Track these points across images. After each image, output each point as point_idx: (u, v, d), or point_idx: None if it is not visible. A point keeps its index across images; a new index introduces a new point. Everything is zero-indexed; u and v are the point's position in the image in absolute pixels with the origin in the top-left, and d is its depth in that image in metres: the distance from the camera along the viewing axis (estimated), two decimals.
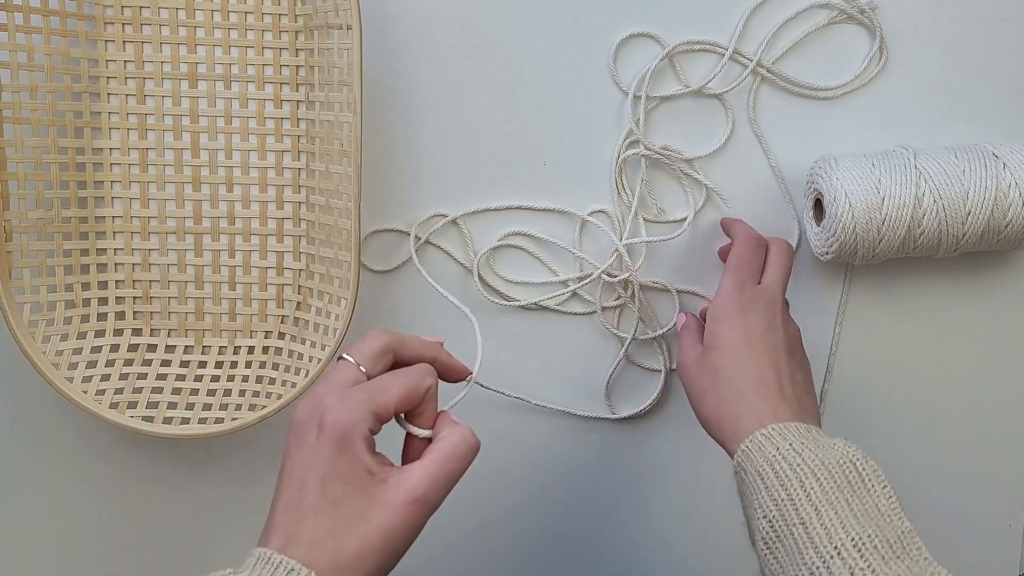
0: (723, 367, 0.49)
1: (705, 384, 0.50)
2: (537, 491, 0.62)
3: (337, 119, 0.53)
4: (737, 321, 0.50)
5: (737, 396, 0.47)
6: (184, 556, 0.62)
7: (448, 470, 0.39)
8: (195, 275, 0.57)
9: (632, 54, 0.56)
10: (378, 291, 0.59)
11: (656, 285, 0.59)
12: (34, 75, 0.52)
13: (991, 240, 0.53)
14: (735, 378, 0.48)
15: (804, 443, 0.43)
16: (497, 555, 0.63)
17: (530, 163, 0.57)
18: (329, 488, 0.37)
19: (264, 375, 0.56)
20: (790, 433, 0.44)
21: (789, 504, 0.41)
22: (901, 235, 0.52)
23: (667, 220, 0.58)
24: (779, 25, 0.55)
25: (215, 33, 0.55)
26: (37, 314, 0.54)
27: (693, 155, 0.57)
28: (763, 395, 0.47)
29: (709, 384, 0.49)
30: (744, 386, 0.48)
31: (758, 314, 0.50)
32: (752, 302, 0.51)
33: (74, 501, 0.61)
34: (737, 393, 0.48)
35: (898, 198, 0.51)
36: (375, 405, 0.38)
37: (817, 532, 0.39)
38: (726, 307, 0.51)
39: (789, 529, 0.40)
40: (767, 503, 0.42)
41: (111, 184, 0.56)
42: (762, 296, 0.51)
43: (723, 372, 0.49)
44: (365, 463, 0.37)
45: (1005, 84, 0.57)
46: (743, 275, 0.52)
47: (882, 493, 0.41)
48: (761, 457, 0.43)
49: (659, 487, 0.62)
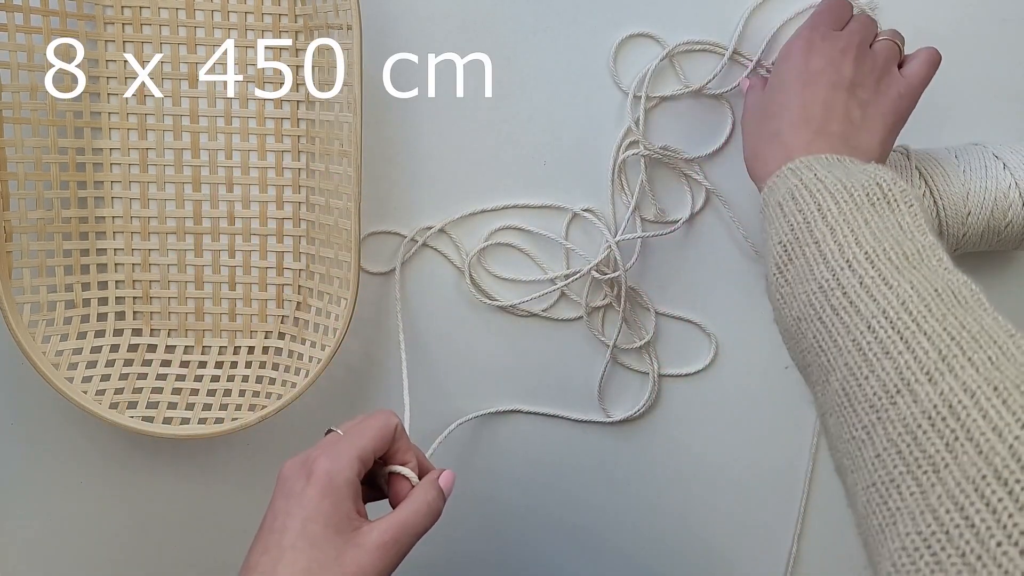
0: (768, 104, 0.47)
1: (750, 125, 0.48)
2: (536, 492, 0.62)
3: (337, 119, 0.53)
4: (798, 59, 0.46)
5: (774, 133, 0.45)
6: (184, 556, 0.62)
7: (413, 523, 0.41)
8: (195, 275, 0.57)
9: (632, 54, 0.56)
10: (377, 291, 0.59)
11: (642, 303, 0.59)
12: (34, 75, 0.52)
13: (991, 240, 0.53)
14: (776, 115, 0.45)
15: (830, 170, 0.40)
16: (496, 558, 0.63)
17: (530, 163, 0.57)
18: (309, 529, 0.38)
19: (264, 375, 0.56)
20: (817, 164, 0.41)
21: (804, 226, 0.39)
22: None
23: (666, 220, 0.58)
24: (779, 26, 0.55)
25: (215, 33, 0.55)
26: (37, 314, 0.54)
27: (694, 155, 0.57)
28: (800, 130, 0.44)
29: (753, 124, 0.47)
30: (783, 123, 0.45)
31: (823, 53, 0.46)
32: (823, 41, 0.46)
33: (74, 501, 0.61)
34: (775, 130, 0.45)
35: None
36: (358, 451, 0.41)
37: (830, 248, 0.37)
38: (791, 45, 0.47)
39: (801, 249, 0.39)
40: (783, 228, 0.40)
41: (111, 184, 0.56)
42: (839, 39, 0.47)
43: (767, 109, 0.46)
44: (346, 509, 0.40)
45: (1004, 84, 0.57)
46: (822, 19, 0.48)
47: (907, 212, 0.38)
48: (784, 188, 0.41)
49: (656, 489, 0.62)
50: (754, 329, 0.59)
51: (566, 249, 0.58)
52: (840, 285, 0.36)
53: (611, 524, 0.63)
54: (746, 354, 0.60)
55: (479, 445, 0.61)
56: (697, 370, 0.60)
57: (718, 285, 0.59)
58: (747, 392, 0.61)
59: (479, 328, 0.59)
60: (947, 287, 0.34)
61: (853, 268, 0.36)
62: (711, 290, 0.59)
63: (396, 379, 0.57)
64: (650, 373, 0.60)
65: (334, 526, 0.39)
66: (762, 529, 0.63)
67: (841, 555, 0.63)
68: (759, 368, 0.60)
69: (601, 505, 0.62)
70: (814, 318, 0.37)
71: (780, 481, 0.62)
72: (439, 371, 0.60)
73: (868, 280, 0.35)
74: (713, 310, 0.59)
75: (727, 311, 0.59)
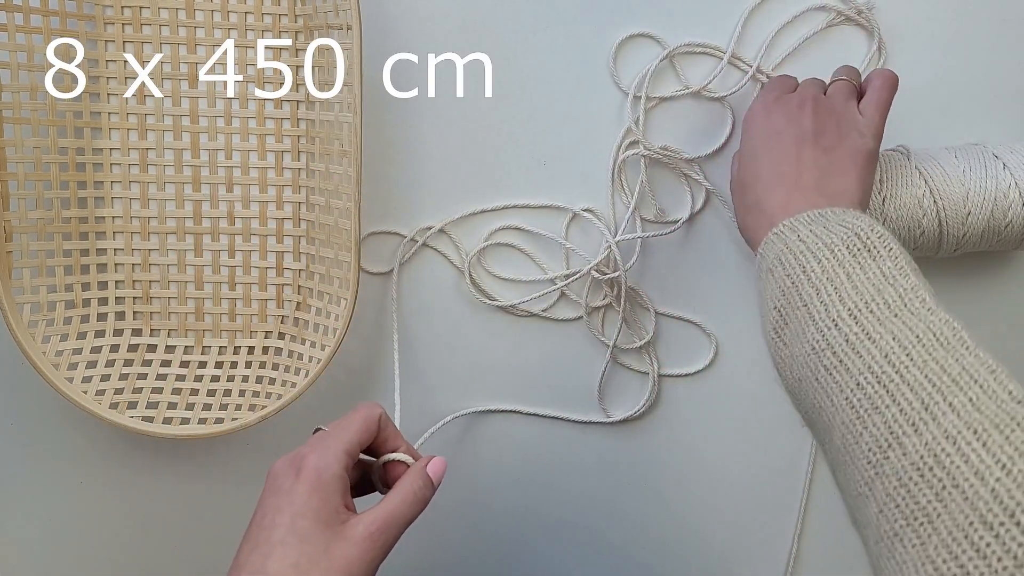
0: (744, 175, 0.48)
1: (735, 199, 0.50)
2: (535, 493, 0.62)
3: (337, 119, 0.53)
4: (759, 123, 0.48)
5: (754, 202, 0.46)
6: (184, 556, 0.62)
7: (400, 513, 0.41)
8: (195, 275, 0.57)
9: (632, 54, 0.56)
10: (377, 291, 0.59)
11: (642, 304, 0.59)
12: (34, 75, 0.52)
13: (991, 240, 0.53)
14: (751, 184, 0.47)
15: (811, 229, 0.42)
16: (495, 558, 0.63)
17: (530, 163, 0.57)
18: (298, 524, 0.39)
19: (264, 375, 0.56)
20: (799, 224, 0.42)
21: (792, 289, 0.40)
22: (901, 236, 0.52)
23: (666, 220, 0.58)
24: (777, 29, 0.55)
25: (215, 33, 0.55)
26: (37, 314, 0.54)
27: (694, 155, 0.57)
28: (776, 192, 0.45)
29: (738, 197, 0.49)
30: (759, 190, 0.46)
31: (781, 112, 0.48)
32: (778, 103, 0.49)
33: (74, 501, 0.61)
34: (754, 200, 0.46)
35: (899, 197, 0.51)
36: (344, 445, 0.41)
37: (816, 309, 0.38)
38: (751, 115, 0.49)
39: (794, 312, 0.40)
40: (775, 293, 0.41)
41: (111, 184, 0.56)
42: (793, 98, 0.49)
43: (744, 180, 0.48)
44: (335, 503, 0.40)
45: (1003, 84, 0.57)
46: (773, 87, 0.50)
47: (888, 257, 0.39)
48: (772, 254, 0.43)
49: (656, 489, 0.62)
50: (754, 329, 0.59)
51: (566, 249, 0.58)
52: (829, 345, 0.37)
53: (611, 524, 0.63)
54: (746, 354, 0.60)
55: (478, 445, 0.61)
56: (697, 370, 0.60)
57: (718, 285, 0.59)
58: (747, 392, 0.61)
59: (479, 328, 0.59)
60: (928, 330, 0.35)
61: (839, 327, 0.37)
62: (711, 290, 0.59)
63: (397, 378, 0.57)
64: (650, 373, 0.60)
65: (323, 521, 0.39)
66: (762, 529, 0.63)
67: (841, 555, 0.63)
68: (759, 368, 0.60)
69: (601, 505, 0.62)
70: (811, 379, 0.38)
71: (780, 481, 0.62)
72: (438, 371, 0.60)
73: (853, 337, 0.36)
74: (713, 310, 0.59)
75: (727, 311, 0.59)
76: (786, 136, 0.47)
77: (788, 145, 0.47)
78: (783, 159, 0.46)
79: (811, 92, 0.49)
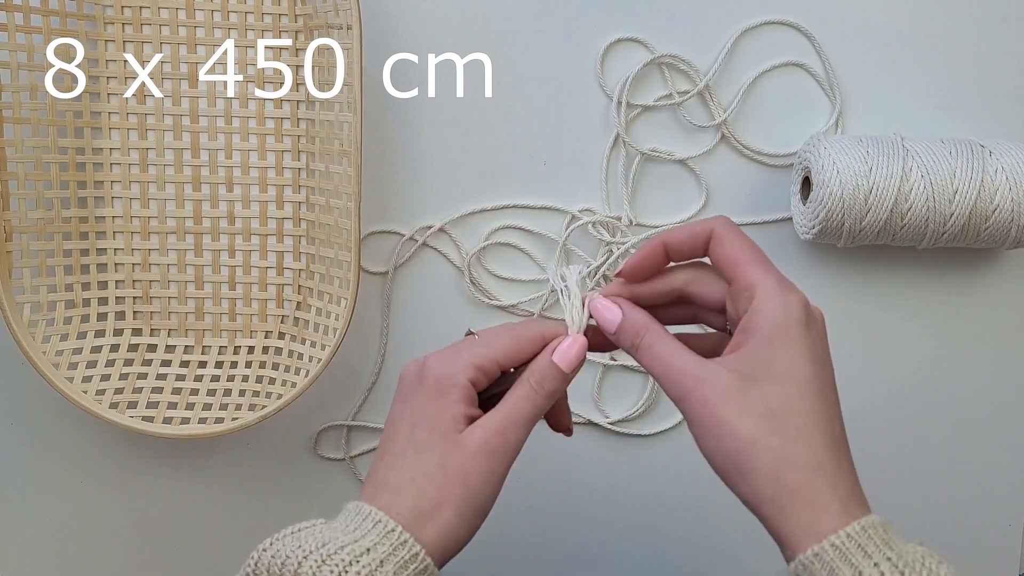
0: (788, 412, 0.34)
1: (756, 431, 0.35)
2: (534, 493, 0.62)
3: (337, 119, 0.53)
4: (804, 343, 0.35)
5: (815, 463, 0.34)
6: (184, 556, 0.62)
7: (519, 410, 0.38)
8: (195, 275, 0.57)
9: (625, 57, 0.56)
10: (378, 291, 0.59)
11: None
12: (34, 75, 0.52)
13: (978, 229, 0.53)
14: (811, 434, 0.34)
15: (885, 556, 0.33)
16: (495, 558, 0.63)
17: (530, 163, 0.57)
18: (415, 435, 0.37)
19: (264, 375, 0.56)
20: (871, 545, 0.33)
21: None
22: (888, 207, 0.52)
23: (665, 220, 0.58)
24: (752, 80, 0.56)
25: (215, 33, 0.55)
26: (37, 314, 0.54)
27: (684, 156, 0.57)
28: (839, 469, 0.34)
29: (763, 432, 0.34)
30: (819, 449, 0.34)
31: (821, 334, 0.37)
32: (811, 316, 0.36)
33: (74, 501, 0.61)
34: (813, 459, 0.34)
35: (886, 168, 0.52)
36: (476, 358, 0.38)
37: None
38: (787, 319, 0.35)
39: None
40: None
41: (111, 184, 0.56)
42: (814, 308, 0.37)
43: (789, 420, 0.34)
44: (454, 412, 0.37)
45: (1003, 84, 0.57)
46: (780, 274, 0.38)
47: None
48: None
49: (655, 489, 0.62)
50: None
51: (566, 249, 0.58)
52: None
53: (610, 524, 0.63)
54: None
55: None
56: None
57: None
58: None
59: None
60: None
61: None
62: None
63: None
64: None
65: (439, 431, 0.37)
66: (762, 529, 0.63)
67: None
68: None
69: (600, 505, 0.62)
70: None
71: None
72: None
73: None
74: None
75: None
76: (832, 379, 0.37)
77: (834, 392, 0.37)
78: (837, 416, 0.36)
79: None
